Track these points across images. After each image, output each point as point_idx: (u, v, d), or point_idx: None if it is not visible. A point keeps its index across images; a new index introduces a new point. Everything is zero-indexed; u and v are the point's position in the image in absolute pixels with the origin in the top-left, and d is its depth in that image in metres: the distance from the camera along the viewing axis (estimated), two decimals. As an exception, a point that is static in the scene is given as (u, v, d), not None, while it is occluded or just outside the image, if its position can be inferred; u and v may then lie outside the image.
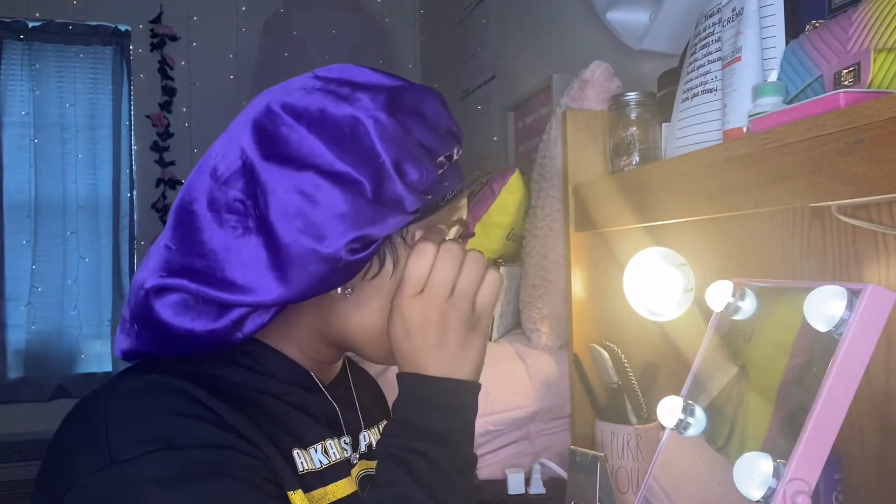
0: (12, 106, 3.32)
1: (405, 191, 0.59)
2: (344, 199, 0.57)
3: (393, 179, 0.58)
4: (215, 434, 0.55)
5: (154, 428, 0.54)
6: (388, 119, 0.59)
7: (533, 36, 2.09)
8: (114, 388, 0.57)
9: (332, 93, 0.60)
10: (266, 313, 0.61)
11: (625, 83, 1.26)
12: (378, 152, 0.58)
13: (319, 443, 0.65)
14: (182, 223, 0.60)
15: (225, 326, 0.59)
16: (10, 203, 3.29)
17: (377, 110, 0.59)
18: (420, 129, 0.61)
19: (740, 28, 0.82)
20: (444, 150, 0.64)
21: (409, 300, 0.62)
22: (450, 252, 0.63)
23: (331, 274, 0.58)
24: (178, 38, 3.35)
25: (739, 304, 0.80)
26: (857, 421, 0.80)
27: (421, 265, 0.62)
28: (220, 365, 0.63)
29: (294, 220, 0.56)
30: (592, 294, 1.21)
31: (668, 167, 0.94)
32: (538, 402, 1.30)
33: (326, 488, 0.63)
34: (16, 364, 3.27)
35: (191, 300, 0.59)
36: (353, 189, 0.57)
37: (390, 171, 0.58)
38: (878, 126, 0.60)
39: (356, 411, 0.74)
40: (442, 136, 0.64)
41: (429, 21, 3.33)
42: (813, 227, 0.87)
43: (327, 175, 0.57)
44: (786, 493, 0.60)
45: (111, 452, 0.52)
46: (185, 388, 0.57)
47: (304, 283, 0.58)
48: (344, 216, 0.57)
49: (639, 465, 1.08)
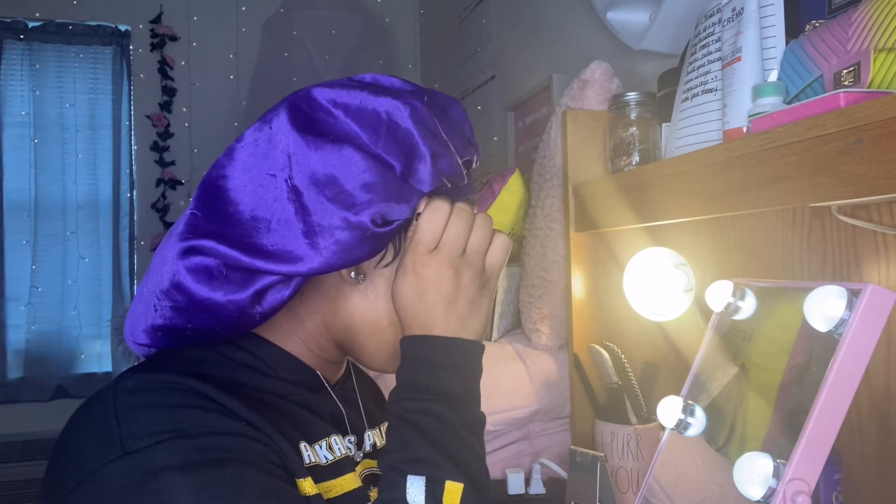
0: (12, 106, 3.32)
1: (432, 176, 0.62)
2: (374, 172, 0.60)
3: (425, 161, 0.62)
4: (225, 423, 0.56)
5: (165, 420, 0.54)
6: (423, 107, 0.62)
7: (533, 36, 2.09)
8: (121, 386, 0.57)
9: (369, 89, 0.64)
10: (286, 287, 0.61)
11: (625, 83, 1.26)
12: (412, 134, 0.61)
13: (324, 439, 0.65)
14: (209, 194, 0.62)
15: (247, 297, 0.60)
16: (10, 203, 3.29)
17: (414, 99, 0.63)
18: (447, 127, 0.65)
19: (740, 28, 0.82)
20: (465, 155, 0.66)
21: (423, 257, 0.63)
22: (462, 210, 0.64)
23: (356, 245, 0.60)
24: (178, 38, 3.36)
25: (739, 304, 0.80)
26: (857, 421, 0.80)
27: (436, 222, 0.63)
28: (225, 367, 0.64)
29: (326, 188, 0.59)
30: (592, 294, 1.21)
31: (668, 167, 0.94)
32: (538, 402, 1.30)
33: (334, 481, 0.64)
34: (16, 364, 3.27)
35: (216, 267, 0.60)
36: (385, 166, 0.60)
37: (423, 154, 0.61)
38: (878, 126, 0.60)
39: (360, 412, 0.74)
40: (463, 141, 0.66)
41: (429, 21, 3.33)
42: (813, 227, 0.87)
43: (361, 151, 0.60)
44: (786, 493, 0.60)
45: (123, 444, 0.52)
46: (192, 384, 0.57)
47: (332, 252, 0.59)
48: (373, 187, 0.59)
49: (639, 465, 1.08)
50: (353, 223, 0.59)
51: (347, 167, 0.59)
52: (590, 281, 1.21)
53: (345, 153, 0.59)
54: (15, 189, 3.30)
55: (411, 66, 3.45)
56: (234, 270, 0.60)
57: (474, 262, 0.64)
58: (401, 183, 0.61)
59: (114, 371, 3.30)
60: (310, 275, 0.60)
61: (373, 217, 0.60)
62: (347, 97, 0.63)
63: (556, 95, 1.86)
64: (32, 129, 3.31)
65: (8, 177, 3.29)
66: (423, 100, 0.64)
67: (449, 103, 0.67)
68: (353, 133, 0.61)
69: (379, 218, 0.60)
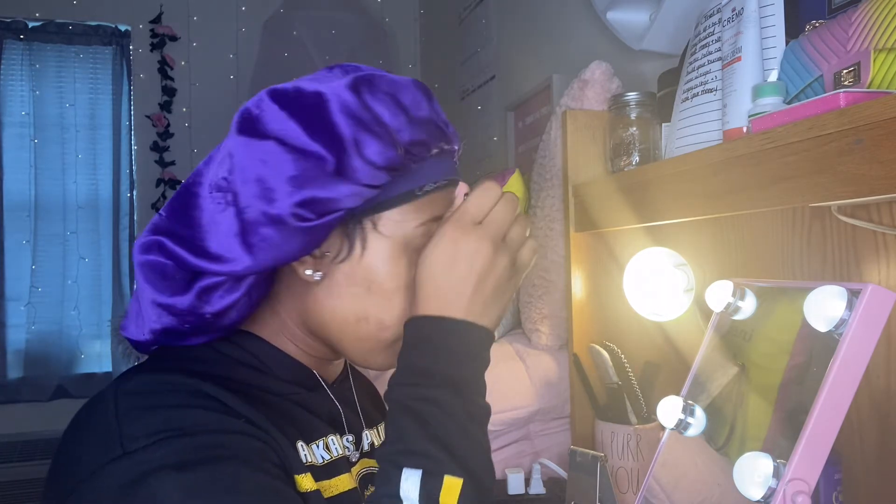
0: (12, 106, 3.32)
1: (361, 164, 0.60)
2: (295, 164, 0.58)
3: (349, 153, 0.59)
4: (224, 420, 0.56)
5: (164, 420, 0.54)
6: (351, 96, 0.60)
7: (533, 36, 2.09)
8: (122, 387, 0.58)
9: (311, 78, 0.64)
10: (235, 289, 0.62)
11: (625, 83, 1.26)
12: (336, 124, 0.59)
13: (321, 439, 0.66)
14: (181, 199, 0.63)
15: (191, 297, 0.61)
16: (10, 203, 3.29)
17: (342, 88, 0.61)
18: (389, 111, 0.62)
19: (740, 28, 0.82)
20: (418, 136, 0.63)
21: (467, 227, 0.61)
22: (510, 200, 0.63)
23: (284, 240, 0.59)
24: (178, 38, 3.35)
25: (739, 304, 0.80)
26: (857, 421, 0.80)
27: (487, 201, 0.62)
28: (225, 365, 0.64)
29: (252, 185, 0.59)
30: (592, 294, 1.21)
31: (668, 167, 0.94)
32: (538, 402, 1.30)
33: (329, 481, 0.64)
34: (16, 364, 3.27)
35: (166, 268, 0.62)
36: (312, 158, 0.59)
37: (347, 144, 0.59)
38: (878, 126, 0.60)
39: (357, 411, 0.75)
40: (418, 123, 0.63)
41: (429, 21, 3.33)
42: (813, 227, 0.87)
43: (286, 144, 0.59)
44: (786, 493, 0.60)
45: (123, 444, 0.52)
46: (193, 384, 0.57)
47: (261, 249, 0.59)
48: (293, 179, 0.58)
49: (639, 465, 1.08)
50: (275, 217, 0.58)
51: (271, 162, 0.59)
52: (590, 281, 1.21)
53: (267, 147, 0.59)
54: (15, 189, 3.30)
55: (411, 66, 3.45)
56: (182, 270, 0.61)
57: (512, 250, 0.63)
58: (332, 174, 0.59)
59: (114, 371, 3.30)
60: (247, 273, 0.61)
61: (295, 211, 0.58)
62: (284, 89, 0.62)
63: (556, 95, 1.86)
64: (32, 129, 3.31)
65: (8, 177, 3.29)
66: (359, 87, 0.61)
67: (399, 86, 0.64)
68: (283, 124, 0.60)
69: (305, 211, 0.59)
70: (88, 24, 3.35)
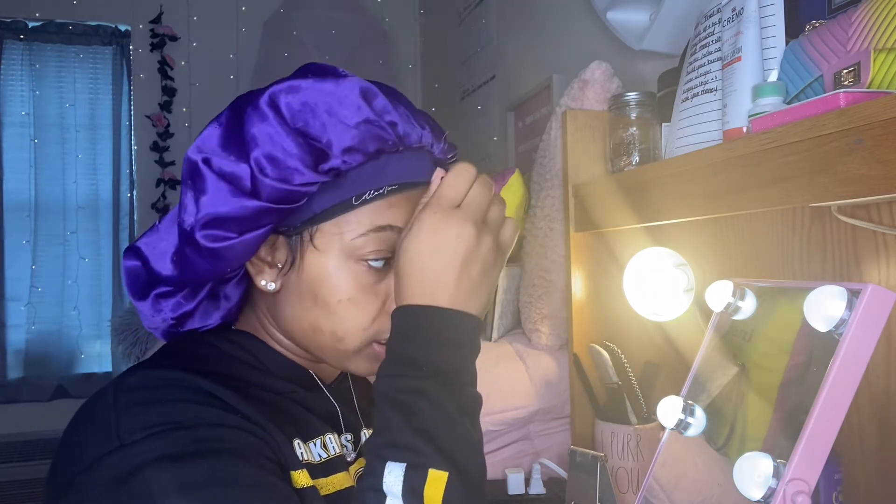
0: (12, 106, 3.32)
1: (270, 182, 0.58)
2: (212, 184, 0.59)
3: (256, 171, 0.59)
4: (221, 415, 0.56)
5: (162, 413, 0.54)
6: (268, 110, 0.59)
7: (533, 36, 2.09)
8: (123, 383, 0.58)
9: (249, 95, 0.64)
10: (189, 299, 0.66)
11: (625, 83, 1.26)
12: (247, 142, 0.59)
13: (319, 437, 0.66)
14: (174, 216, 0.67)
15: (148, 304, 0.65)
16: (10, 203, 3.29)
17: (263, 102, 0.60)
18: (310, 122, 0.59)
19: (740, 28, 0.82)
20: (347, 143, 0.60)
21: (447, 211, 0.59)
22: (486, 181, 0.62)
23: (200, 258, 0.61)
24: (178, 38, 3.36)
25: (739, 304, 0.80)
26: (857, 421, 0.80)
27: (463, 182, 0.61)
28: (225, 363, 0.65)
29: (184, 202, 0.61)
30: (592, 294, 1.21)
31: (668, 167, 0.94)
32: (538, 402, 1.30)
33: (326, 479, 0.64)
34: (16, 364, 3.27)
35: (143, 272, 0.66)
36: (225, 177, 0.59)
37: (256, 162, 0.59)
38: (878, 126, 0.60)
39: (356, 410, 0.75)
40: (347, 129, 0.60)
41: (429, 21, 3.33)
42: (813, 227, 0.87)
43: (209, 163, 0.60)
44: (786, 493, 0.60)
45: (120, 437, 0.53)
46: (192, 380, 0.58)
47: (185, 267, 0.63)
48: (206, 199, 0.59)
49: (639, 465, 1.08)
50: (188, 236, 0.60)
51: (195, 180, 0.60)
52: (590, 281, 1.21)
53: (194, 165, 0.60)
54: (15, 189, 3.30)
55: (411, 65, 3.45)
56: (148, 277, 0.65)
57: (494, 230, 0.62)
58: (247, 193, 0.58)
59: (114, 371, 3.30)
60: (173, 284, 0.64)
61: (203, 229, 0.59)
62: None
63: (556, 95, 1.86)
64: (32, 129, 3.31)
65: (8, 177, 3.29)
66: (276, 100, 0.59)
67: (325, 94, 0.60)
68: (209, 145, 0.61)
69: (216, 231, 0.59)
70: (88, 24, 3.35)
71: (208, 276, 0.64)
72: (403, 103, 0.65)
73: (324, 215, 0.62)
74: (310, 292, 0.63)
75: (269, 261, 0.65)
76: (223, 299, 0.70)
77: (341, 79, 0.61)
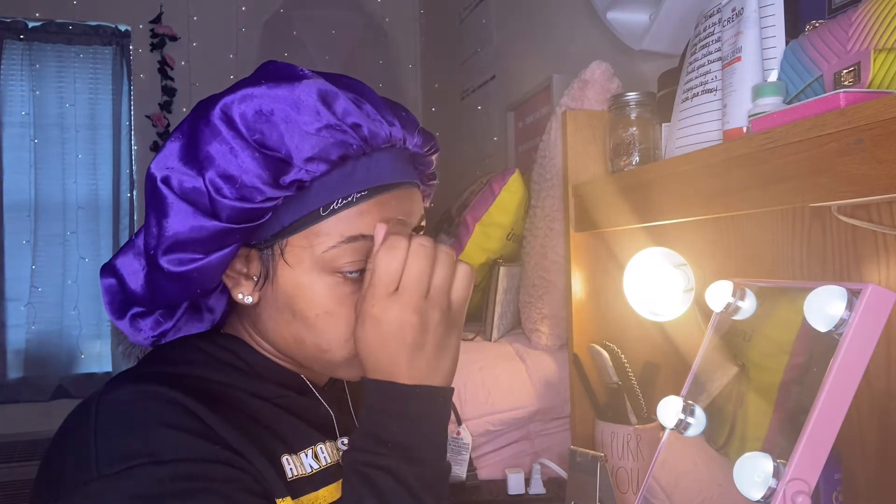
0: (12, 106, 3.31)
1: (227, 202, 0.56)
2: (165, 201, 0.58)
3: (211, 190, 0.57)
4: (200, 447, 0.55)
5: (140, 441, 0.53)
6: (221, 125, 0.57)
7: (533, 36, 2.09)
8: (104, 398, 0.57)
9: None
10: (167, 318, 0.65)
11: (625, 83, 1.26)
12: (201, 161, 0.57)
13: (310, 447, 0.65)
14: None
15: (126, 323, 0.64)
16: (10, 203, 3.29)
17: (213, 117, 0.57)
18: (265, 133, 0.57)
19: (740, 28, 0.82)
20: (308, 153, 0.57)
21: (384, 301, 0.57)
22: (422, 247, 0.58)
23: (163, 284, 0.60)
24: (178, 38, 3.35)
25: (739, 304, 0.80)
26: (857, 421, 0.80)
27: (394, 262, 0.57)
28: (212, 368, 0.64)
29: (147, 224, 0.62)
30: (592, 294, 1.21)
31: (668, 167, 0.94)
32: (538, 402, 1.30)
33: (317, 493, 0.63)
34: (16, 364, 3.27)
35: (115, 291, 0.66)
36: (184, 194, 0.58)
37: (210, 182, 0.57)
38: (878, 126, 0.60)
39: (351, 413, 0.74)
40: (307, 136, 0.57)
41: (429, 21, 3.33)
42: (813, 227, 0.87)
43: (164, 180, 0.58)
44: (786, 493, 0.60)
45: (98, 466, 0.52)
46: (174, 396, 0.57)
47: (153, 288, 0.61)
48: (163, 223, 0.58)
49: (639, 465, 1.08)
50: (152, 263, 0.59)
51: (152, 202, 0.59)
52: (590, 281, 1.21)
53: (163, 192, 0.59)
54: (15, 189, 3.29)
55: (411, 65, 3.44)
56: (124, 297, 0.65)
57: (440, 301, 0.58)
58: (207, 213, 0.57)
59: (114, 371, 3.30)
60: (146, 306, 0.63)
61: (167, 253, 0.58)
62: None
63: (556, 95, 1.86)
64: (32, 129, 3.31)
65: (8, 177, 3.28)
66: (229, 113, 0.57)
67: (280, 101, 0.57)
68: (173, 161, 0.59)
69: (175, 252, 0.58)
70: (88, 24, 3.35)
71: (179, 299, 0.62)
72: (369, 99, 0.61)
73: (292, 228, 0.60)
74: (287, 306, 0.62)
75: (245, 272, 0.63)
76: (206, 311, 0.68)
77: (296, 82, 0.57)
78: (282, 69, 0.60)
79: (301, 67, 0.60)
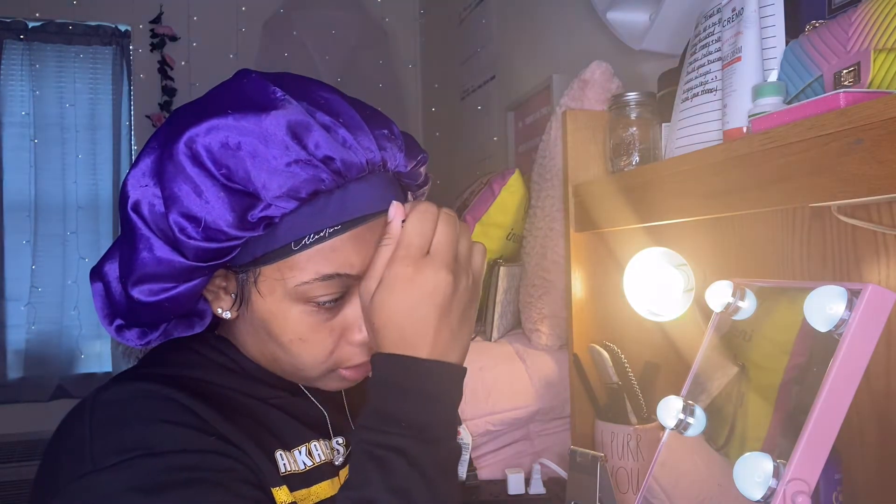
0: (12, 106, 3.31)
1: (193, 242, 0.55)
2: (135, 231, 0.57)
3: (174, 230, 0.56)
4: (196, 438, 0.55)
5: (135, 436, 0.54)
6: (182, 160, 0.55)
7: (533, 36, 2.09)
8: (100, 397, 0.58)
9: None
10: (151, 331, 0.63)
11: (625, 83, 1.26)
12: (165, 198, 0.56)
13: (304, 445, 0.65)
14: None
15: (113, 331, 0.63)
16: (10, 203, 3.29)
17: (177, 153, 0.55)
18: (240, 168, 0.54)
19: (740, 28, 0.82)
20: (277, 191, 0.55)
21: (418, 262, 0.56)
22: (448, 215, 0.59)
23: (141, 307, 0.59)
24: (178, 38, 3.35)
25: (739, 304, 0.80)
26: (857, 421, 0.80)
27: (427, 224, 0.57)
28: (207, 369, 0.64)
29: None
30: (592, 294, 1.21)
31: (668, 167, 0.94)
32: (538, 402, 1.30)
33: (311, 489, 0.63)
34: (16, 364, 3.27)
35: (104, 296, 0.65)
36: (154, 223, 0.57)
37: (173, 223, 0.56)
38: (878, 126, 0.60)
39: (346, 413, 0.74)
40: (281, 170, 0.54)
41: (429, 21, 3.33)
42: (813, 227, 0.87)
43: (135, 207, 0.58)
44: (786, 493, 0.60)
45: (94, 460, 0.52)
46: (168, 393, 0.57)
47: (130, 309, 0.61)
48: (132, 256, 0.57)
49: (639, 465, 1.08)
50: (125, 290, 0.59)
51: (129, 235, 0.59)
52: (590, 281, 1.21)
53: (122, 199, 0.59)
54: (15, 189, 3.29)
55: (411, 66, 3.44)
56: (111, 305, 0.63)
57: (466, 267, 0.59)
58: (172, 254, 0.56)
59: (114, 371, 3.30)
60: (126, 320, 0.62)
61: (137, 288, 0.57)
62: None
63: (556, 95, 1.86)
64: (32, 129, 3.31)
65: (8, 177, 3.28)
66: (193, 145, 0.55)
67: (245, 134, 0.54)
68: (146, 185, 0.58)
69: (146, 292, 0.57)
70: (88, 24, 3.35)
71: (158, 321, 0.62)
72: (346, 120, 0.58)
73: (264, 259, 0.58)
74: (262, 327, 0.62)
75: (225, 287, 0.62)
76: (195, 317, 0.67)
77: (264, 114, 0.55)
78: (251, 93, 0.57)
79: (273, 89, 0.57)
